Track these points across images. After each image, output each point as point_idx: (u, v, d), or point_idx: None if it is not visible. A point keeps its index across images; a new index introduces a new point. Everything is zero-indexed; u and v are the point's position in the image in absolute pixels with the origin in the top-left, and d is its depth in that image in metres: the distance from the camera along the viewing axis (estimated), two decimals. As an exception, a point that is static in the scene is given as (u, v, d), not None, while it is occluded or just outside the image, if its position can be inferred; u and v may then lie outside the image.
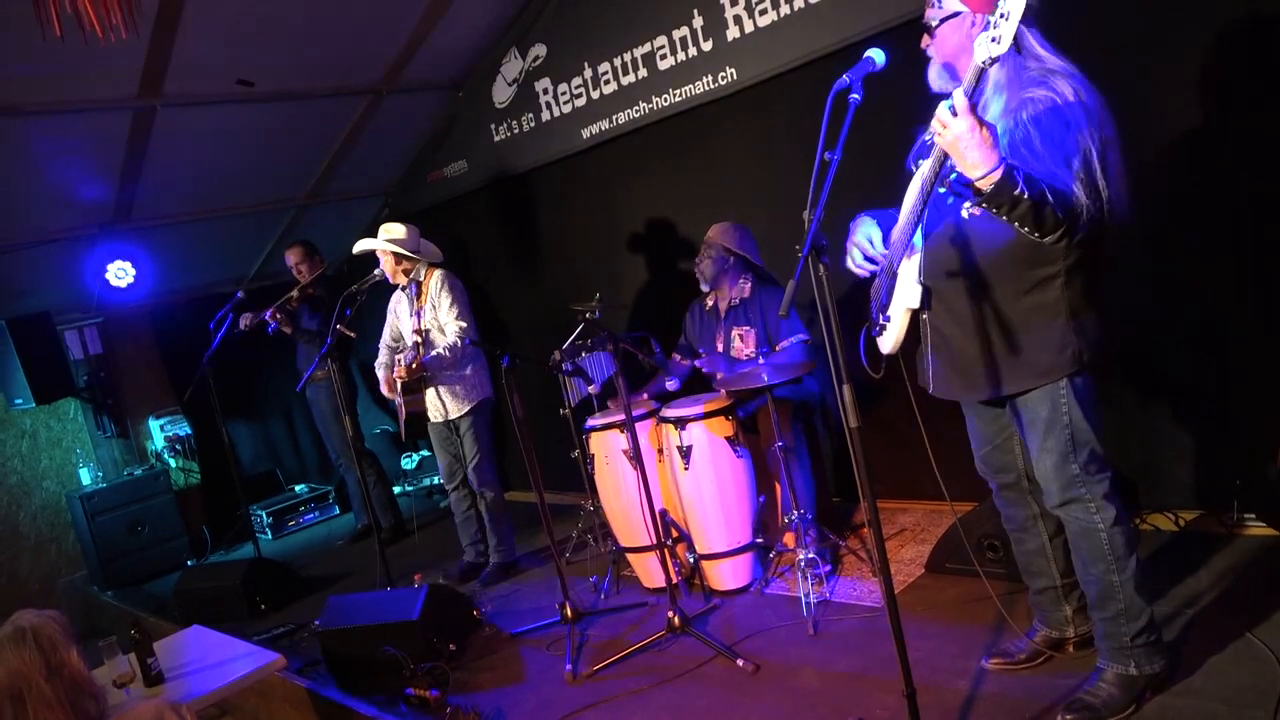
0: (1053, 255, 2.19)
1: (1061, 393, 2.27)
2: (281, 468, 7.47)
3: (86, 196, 5.23)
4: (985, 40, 1.81)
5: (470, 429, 4.50)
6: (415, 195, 6.45)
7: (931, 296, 2.37)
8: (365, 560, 5.12)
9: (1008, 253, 2.22)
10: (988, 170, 1.93)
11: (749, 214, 4.32)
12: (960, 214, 2.27)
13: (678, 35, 4.48)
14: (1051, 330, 2.23)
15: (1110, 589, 2.33)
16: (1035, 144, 2.06)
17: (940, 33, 2.26)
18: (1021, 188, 1.95)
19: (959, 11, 2.21)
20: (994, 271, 2.25)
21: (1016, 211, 2.00)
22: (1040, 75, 2.13)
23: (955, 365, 2.39)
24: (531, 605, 4.16)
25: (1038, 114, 2.08)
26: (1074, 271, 2.21)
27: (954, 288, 2.32)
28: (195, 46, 4.23)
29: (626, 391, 3.47)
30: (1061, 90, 2.08)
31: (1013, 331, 2.26)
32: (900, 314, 2.42)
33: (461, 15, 4.95)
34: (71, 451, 6.52)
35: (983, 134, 1.90)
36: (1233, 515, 3.26)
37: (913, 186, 2.35)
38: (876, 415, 4.16)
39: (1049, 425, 2.30)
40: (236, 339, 5.38)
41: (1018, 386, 2.31)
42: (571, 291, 4.80)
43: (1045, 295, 2.23)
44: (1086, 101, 2.08)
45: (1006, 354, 2.28)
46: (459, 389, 4.48)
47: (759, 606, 3.63)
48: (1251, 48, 2.97)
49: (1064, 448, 2.30)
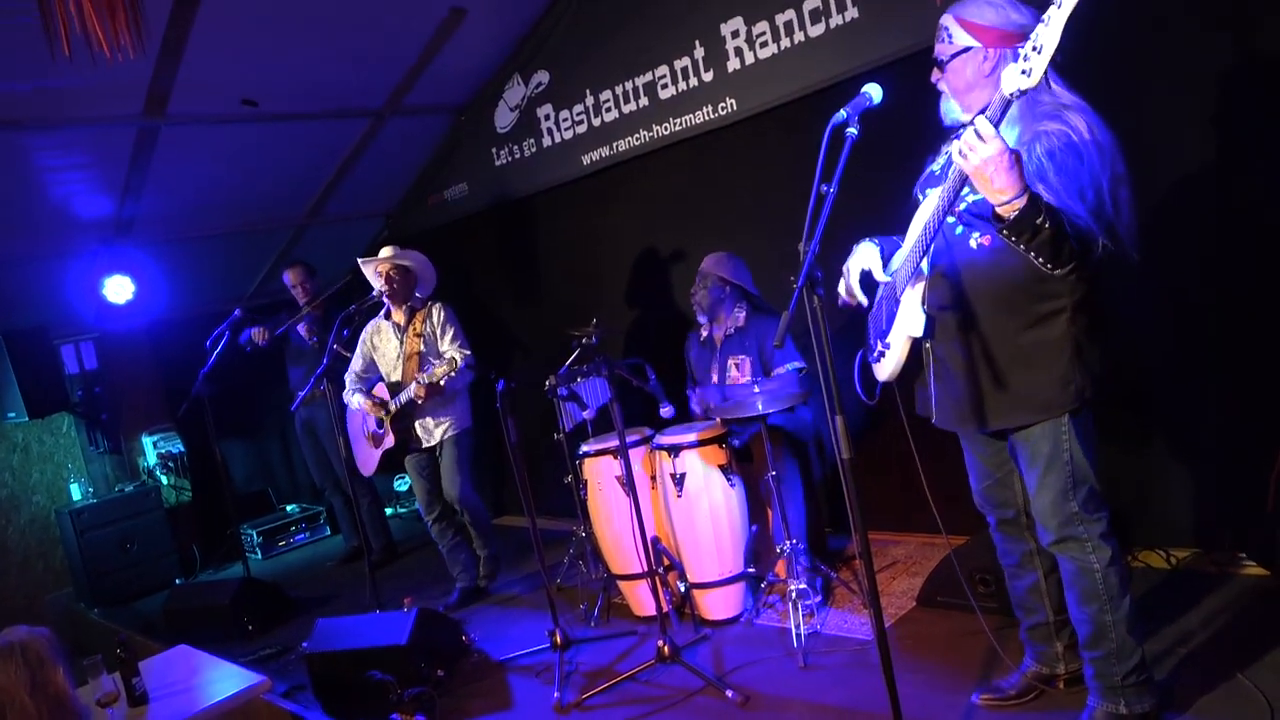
0: (1060, 290, 2.19)
1: (1063, 429, 2.26)
2: (274, 487, 7.44)
3: (87, 213, 5.25)
4: (1015, 72, 1.80)
5: (454, 455, 4.50)
6: (415, 217, 6.48)
7: (935, 325, 2.36)
8: (355, 582, 5.09)
9: (1015, 285, 2.21)
10: (1013, 196, 1.93)
11: (747, 243, 4.34)
12: (969, 244, 2.27)
13: (679, 65, 4.53)
14: (1056, 365, 2.23)
15: (1103, 629, 2.32)
16: (1049, 177, 2.06)
17: (951, 67, 2.27)
18: (1044, 216, 1.95)
19: (970, 47, 2.22)
20: (1000, 304, 2.25)
21: (1036, 241, 1.99)
22: (1054, 109, 2.12)
23: (957, 396, 2.38)
24: (521, 631, 4.13)
25: (1051, 148, 2.07)
26: (1080, 307, 2.21)
27: (958, 318, 2.32)
28: (201, 66, 4.26)
29: (620, 418, 3.47)
30: (1075, 125, 2.08)
31: (1016, 365, 2.26)
32: (901, 341, 2.41)
33: (466, 41, 5.00)
34: (63, 466, 6.49)
35: (1011, 158, 1.90)
36: (1225, 554, 3.26)
37: (920, 214, 2.34)
38: (871, 446, 4.16)
39: (1049, 461, 2.29)
40: (235, 356, 5.37)
41: (1019, 421, 2.30)
42: (569, 316, 4.80)
43: (1051, 330, 2.22)
44: (1100, 138, 2.08)
45: (1009, 387, 2.27)
46: (451, 415, 4.49)
47: (749, 637, 3.61)
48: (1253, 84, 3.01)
49: (1064, 484, 2.29)
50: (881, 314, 2.51)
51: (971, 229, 2.24)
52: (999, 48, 2.20)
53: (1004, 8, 2.19)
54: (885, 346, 2.46)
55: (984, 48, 2.21)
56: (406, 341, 4.47)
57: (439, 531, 4.69)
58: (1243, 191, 3.08)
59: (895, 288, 2.41)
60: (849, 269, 2.48)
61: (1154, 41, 3.18)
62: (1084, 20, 1.72)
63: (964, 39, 2.23)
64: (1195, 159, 3.17)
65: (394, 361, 4.52)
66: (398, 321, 4.54)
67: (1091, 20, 1.78)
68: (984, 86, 2.24)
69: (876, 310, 2.55)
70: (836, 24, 3.88)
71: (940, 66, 2.30)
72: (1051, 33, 1.72)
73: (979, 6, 2.22)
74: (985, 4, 2.21)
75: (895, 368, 2.45)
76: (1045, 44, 1.73)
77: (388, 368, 4.56)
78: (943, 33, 2.28)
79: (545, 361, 4.55)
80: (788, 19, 4.03)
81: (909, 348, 2.42)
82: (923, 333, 2.34)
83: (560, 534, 5.09)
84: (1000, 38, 2.19)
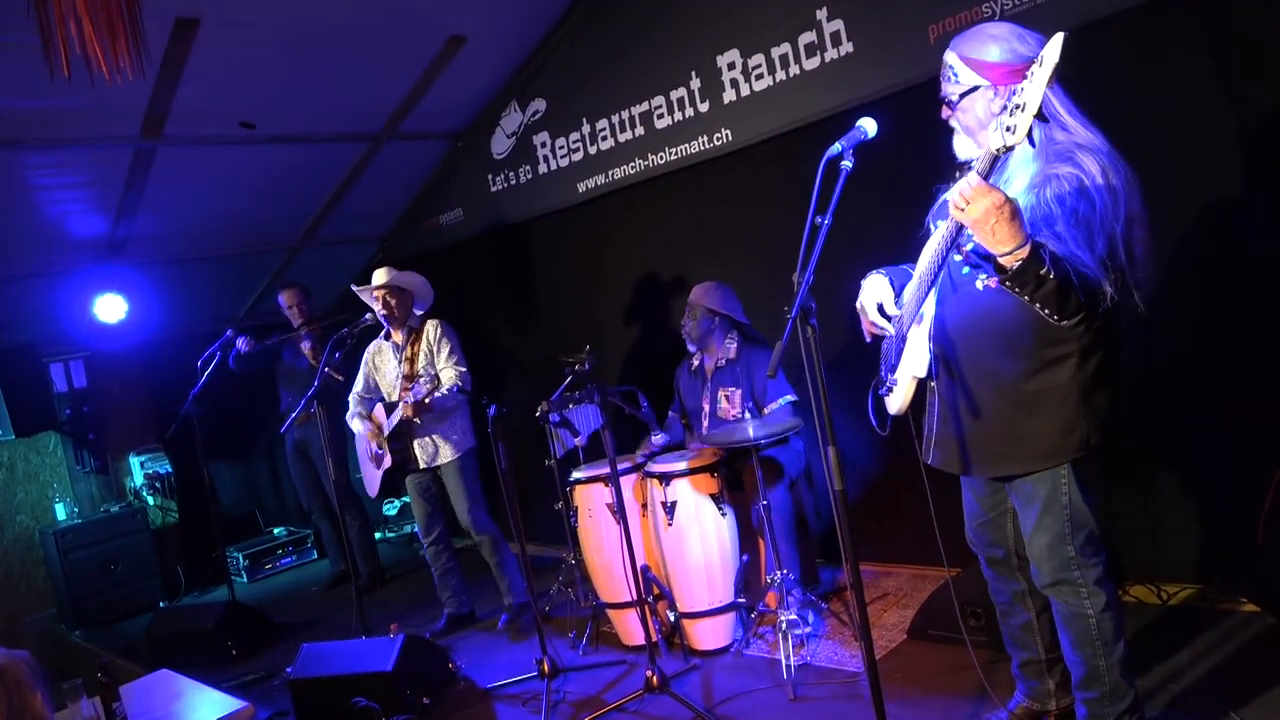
0: (1068, 335, 2.12)
1: (1063, 474, 2.22)
2: (262, 509, 7.38)
3: (81, 232, 5.25)
4: (1000, 129, 1.74)
5: (459, 477, 4.45)
6: (410, 241, 6.49)
7: (940, 365, 2.31)
8: (341, 607, 5.04)
9: (1021, 329, 2.15)
10: (1015, 246, 1.86)
11: (741, 273, 4.36)
12: (974, 286, 2.20)
13: (675, 96, 4.57)
14: (1061, 412, 2.16)
15: (1096, 672, 2.30)
16: (1057, 225, 1.98)
17: (962, 106, 2.19)
18: (1048, 267, 1.87)
19: (978, 85, 2.15)
20: (1007, 347, 2.18)
21: (1040, 293, 1.91)
22: (1067, 150, 2.03)
23: (958, 439, 2.32)
24: (508, 658, 4.09)
25: (1061, 193, 1.99)
26: (1089, 351, 2.15)
27: (963, 360, 2.26)
28: (199, 88, 4.28)
29: (612, 445, 3.47)
30: (1089, 169, 2.00)
31: (1021, 411, 2.19)
32: (907, 379, 2.38)
33: (464, 68, 5.04)
34: (49, 486, 6.43)
35: (1008, 209, 1.82)
36: (1215, 590, 3.26)
37: (929, 247, 2.26)
38: (864, 477, 4.16)
39: (1047, 505, 2.24)
40: (225, 377, 5.34)
41: (1020, 469, 2.25)
42: (562, 342, 4.81)
43: (1058, 375, 2.16)
44: (1114, 181, 2.00)
45: (1013, 434, 2.21)
46: (451, 435, 4.45)
47: (739, 668, 3.58)
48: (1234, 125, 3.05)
49: (1061, 528, 2.24)
50: (891, 348, 2.48)
51: (978, 270, 2.17)
52: (1009, 84, 2.10)
53: (1008, 40, 2.10)
54: (893, 382, 2.43)
55: (993, 85, 2.12)
56: (405, 361, 4.47)
57: (434, 554, 4.64)
58: (1241, 233, 3.10)
59: (903, 323, 2.37)
60: (864, 306, 2.43)
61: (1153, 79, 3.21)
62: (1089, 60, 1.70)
63: (971, 78, 2.15)
64: (1194, 200, 3.19)
65: (393, 382, 4.51)
66: (397, 341, 4.54)
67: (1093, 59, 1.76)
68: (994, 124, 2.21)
69: (887, 341, 2.51)
70: (831, 58, 3.92)
71: (950, 105, 2.23)
72: (1034, 90, 1.66)
73: (982, 42, 2.14)
74: (989, 38, 2.13)
75: (903, 404, 2.42)
76: (1028, 101, 1.68)
77: (387, 388, 4.55)
78: (947, 71, 2.20)
79: (538, 387, 4.54)
80: (783, 52, 4.07)
81: (914, 386, 2.38)
82: (926, 373, 2.30)
83: (551, 561, 5.06)
84: (1009, 74, 2.10)
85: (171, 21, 3.83)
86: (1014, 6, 3.33)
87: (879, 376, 2.52)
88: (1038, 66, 1.67)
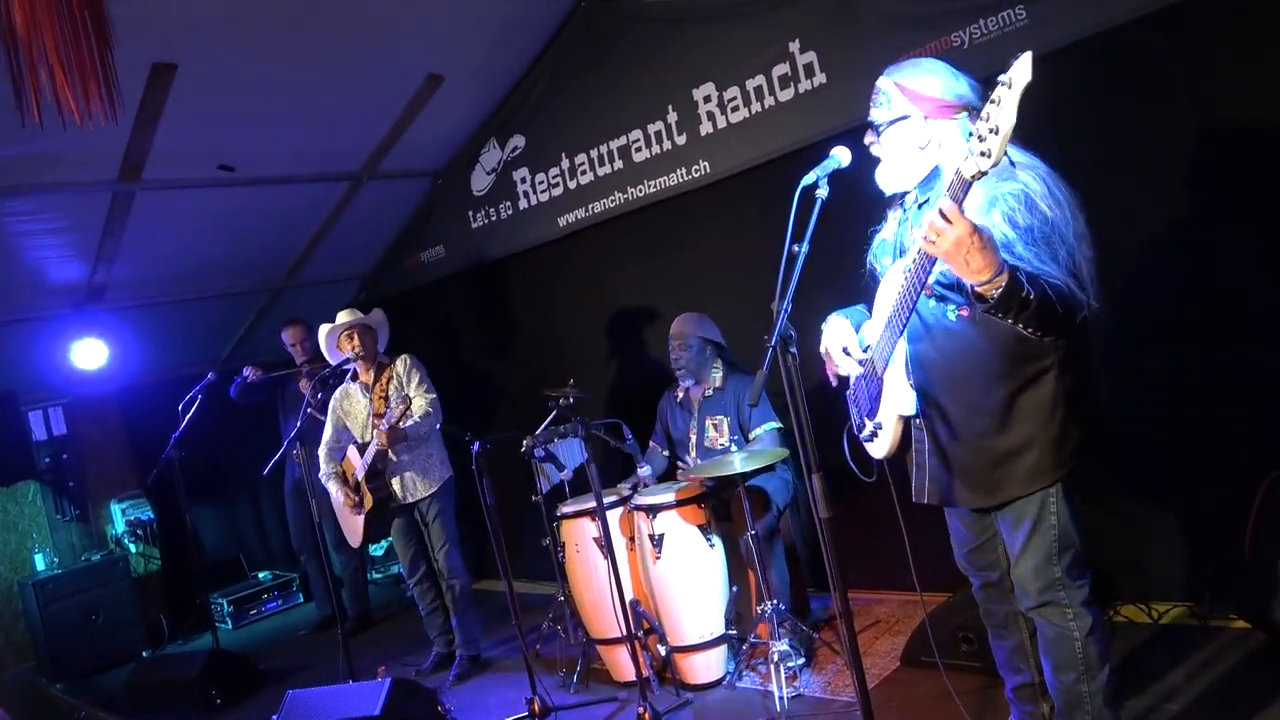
0: (1046, 349, 2.11)
1: (1051, 494, 2.21)
2: (246, 553, 7.28)
3: (59, 277, 5.22)
4: (975, 154, 1.72)
5: (438, 515, 4.41)
6: (393, 279, 6.49)
7: (921, 401, 2.28)
8: (328, 651, 4.96)
9: (1000, 351, 2.14)
10: (993, 274, 1.84)
11: (720, 303, 4.38)
12: (948, 318, 2.20)
13: (653, 129, 4.61)
14: (1050, 428, 2.16)
15: (1078, 699, 2.27)
16: (1016, 247, 1.97)
17: (887, 134, 2.22)
18: (1027, 289, 1.86)
19: (907, 115, 2.18)
20: (987, 372, 2.17)
21: (1025, 314, 1.90)
22: (1007, 170, 2.05)
23: (948, 472, 2.30)
24: (499, 699, 4.03)
25: (1011, 213, 2.01)
26: (1067, 361, 2.14)
27: (944, 393, 2.24)
28: (178, 132, 4.29)
29: (597, 479, 3.45)
30: (1031, 185, 2.02)
31: (1009, 432, 2.18)
32: (893, 420, 2.34)
33: (442, 107, 5.07)
34: (28, 536, 6.33)
35: (982, 238, 1.80)
36: (1206, 608, 3.25)
37: (886, 288, 2.28)
38: (851, 503, 4.13)
39: (1035, 526, 2.23)
40: (208, 420, 5.28)
41: (1015, 493, 2.22)
42: (546, 376, 4.79)
43: (1041, 391, 2.15)
44: (1057, 194, 2.03)
45: (1002, 461, 2.20)
46: (427, 467, 4.42)
47: (731, 701, 3.54)
48: (1204, 145, 3.11)
49: (1049, 549, 2.23)
50: (862, 392, 2.44)
51: (947, 302, 2.18)
52: (936, 119, 2.15)
53: (946, 77, 2.16)
54: (877, 426, 2.38)
55: (924, 116, 2.16)
56: (376, 399, 4.43)
57: (420, 593, 4.60)
58: (1215, 251, 3.15)
59: (873, 365, 2.35)
60: (828, 350, 2.43)
61: (1111, 107, 3.27)
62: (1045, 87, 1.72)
63: (903, 106, 2.18)
64: (1170, 220, 3.23)
65: (364, 421, 4.46)
66: (365, 382, 4.50)
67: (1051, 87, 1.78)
68: (919, 157, 2.21)
69: (855, 387, 2.49)
70: (805, 89, 3.97)
71: (875, 131, 2.24)
72: (1005, 113, 1.65)
73: (921, 74, 2.17)
74: (926, 71, 2.17)
75: (891, 446, 2.38)
76: (1001, 125, 1.66)
77: (359, 429, 4.50)
78: (880, 96, 2.22)
79: (523, 421, 4.53)
80: (758, 84, 4.12)
81: (902, 426, 2.35)
82: (914, 410, 2.27)
83: (542, 598, 5.00)
84: (939, 108, 2.14)
85: (149, 67, 3.84)
86: (982, 35, 3.39)
87: (851, 423, 2.49)
88: (1005, 89, 1.66)
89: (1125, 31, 3.14)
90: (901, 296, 2.14)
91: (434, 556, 4.48)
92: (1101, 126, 3.29)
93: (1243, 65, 2.99)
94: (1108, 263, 2.15)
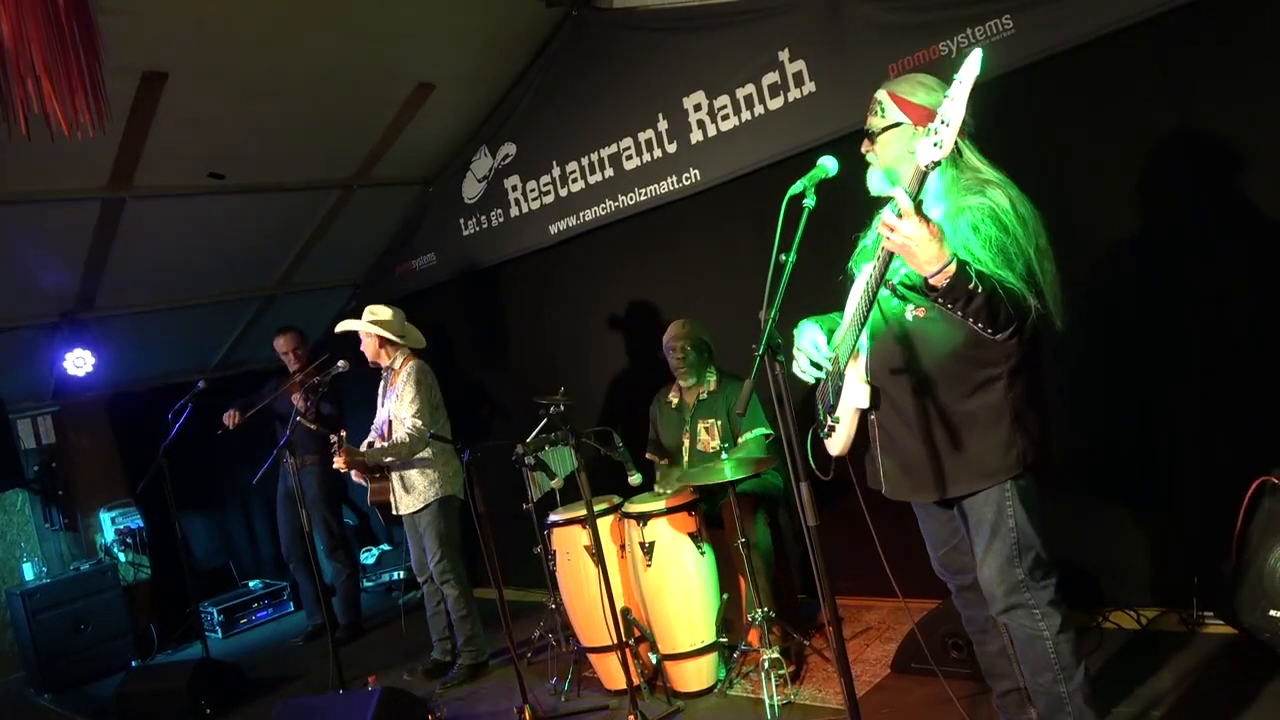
0: (995, 357, 2.23)
1: (1006, 495, 2.28)
2: (236, 561, 7.25)
3: (49, 285, 5.19)
4: (927, 145, 1.84)
5: (430, 525, 4.39)
6: (384, 286, 6.48)
7: (879, 396, 2.36)
8: (319, 660, 4.94)
9: (952, 355, 2.25)
10: (941, 266, 1.94)
11: (711, 310, 4.39)
12: (906, 317, 2.31)
13: (643, 137, 4.62)
14: (996, 431, 2.25)
15: (1058, 701, 2.30)
16: (974, 251, 2.09)
17: (882, 140, 2.34)
18: (975, 282, 1.96)
19: (900, 122, 2.30)
20: (940, 373, 2.28)
21: (972, 307, 2.00)
22: (976, 184, 2.19)
23: (904, 466, 2.40)
24: (490, 708, 4.02)
25: (975, 222, 2.13)
26: (1016, 373, 2.25)
27: (900, 389, 2.35)
28: (168, 140, 4.28)
29: (588, 487, 3.44)
30: (998, 200, 2.14)
31: (959, 432, 2.28)
32: (849, 415, 2.42)
33: (433, 115, 5.08)
34: (15, 545, 6.29)
35: (931, 230, 1.91)
36: (1192, 613, 3.27)
37: (856, 289, 2.39)
38: (840, 509, 4.12)
39: (994, 528, 2.30)
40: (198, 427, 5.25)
41: (965, 488, 2.31)
42: (538, 384, 4.79)
43: (989, 397, 2.25)
44: (1022, 211, 2.15)
45: (953, 455, 2.29)
46: (413, 484, 4.38)
47: (722, 709, 3.54)
48: (1185, 153, 3.13)
49: (1009, 551, 2.29)
50: (828, 389, 2.52)
51: (906, 301, 2.28)
52: (926, 125, 2.24)
53: (934, 89, 2.28)
54: (834, 421, 2.47)
55: (913, 124, 2.28)
56: (382, 404, 4.46)
57: (428, 593, 4.60)
58: (1200, 258, 3.17)
59: (837, 360, 2.43)
60: (799, 353, 2.49)
61: (1095, 115, 3.30)
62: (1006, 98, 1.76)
63: (895, 114, 2.30)
64: (1155, 226, 3.25)
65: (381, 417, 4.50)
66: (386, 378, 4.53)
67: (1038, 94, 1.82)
68: (909, 161, 2.26)
69: (823, 386, 2.56)
70: (794, 98, 3.99)
71: (871, 138, 2.37)
72: (956, 107, 1.77)
73: (912, 85, 2.31)
74: (918, 84, 2.31)
75: (846, 441, 2.46)
76: (951, 117, 1.78)
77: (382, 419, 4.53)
78: (875, 106, 2.36)
79: (515, 429, 4.52)
80: (748, 93, 4.14)
81: (857, 420, 2.43)
82: (869, 404, 2.34)
83: (534, 606, 4.99)
84: (927, 116, 2.21)
85: (139, 76, 3.84)
86: (969, 44, 3.41)
87: (817, 420, 2.55)
88: (958, 84, 1.76)
89: (1110, 41, 3.17)
90: (865, 292, 2.23)
91: (418, 560, 4.49)
92: (1085, 134, 3.32)
93: (1223, 78, 3.03)
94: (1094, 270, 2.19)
